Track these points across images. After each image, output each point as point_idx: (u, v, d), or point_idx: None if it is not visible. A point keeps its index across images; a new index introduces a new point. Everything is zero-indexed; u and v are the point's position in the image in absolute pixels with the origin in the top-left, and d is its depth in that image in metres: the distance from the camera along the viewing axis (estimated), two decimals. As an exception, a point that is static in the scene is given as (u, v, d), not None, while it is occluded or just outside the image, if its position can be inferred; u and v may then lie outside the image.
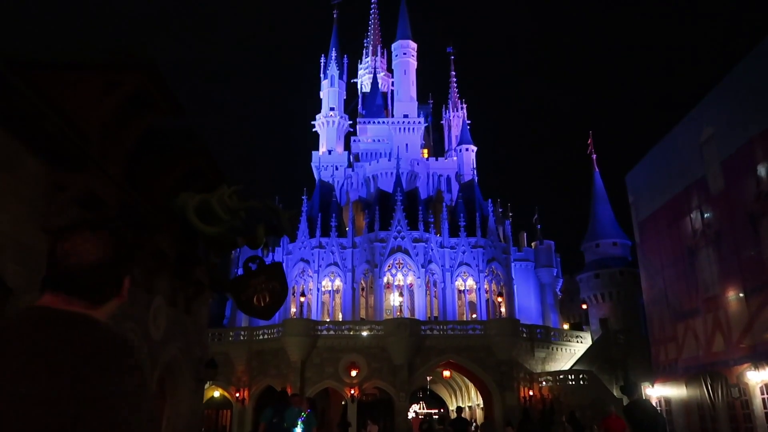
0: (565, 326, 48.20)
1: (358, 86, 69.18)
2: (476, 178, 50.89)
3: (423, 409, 47.23)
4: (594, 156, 50.55)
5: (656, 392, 18.95)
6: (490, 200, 46.94)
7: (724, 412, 15.23)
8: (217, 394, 38.39)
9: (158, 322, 11.67)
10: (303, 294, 43.35)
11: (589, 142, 51.14)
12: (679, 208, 18.07)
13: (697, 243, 17.05)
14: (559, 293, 51.19)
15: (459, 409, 17.70)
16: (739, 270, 15.05)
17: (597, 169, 50.15)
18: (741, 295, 14.99)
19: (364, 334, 36.93)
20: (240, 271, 11.60)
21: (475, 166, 54.97)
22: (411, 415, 45.60)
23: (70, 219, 8.01)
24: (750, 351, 14.38)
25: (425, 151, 61.20)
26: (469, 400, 42.70)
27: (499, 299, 43.33)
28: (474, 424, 34.95)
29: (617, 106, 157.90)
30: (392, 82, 65.05)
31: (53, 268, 1.45)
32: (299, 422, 10.76)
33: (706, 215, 16.75)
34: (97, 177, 7.90)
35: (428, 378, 41.12)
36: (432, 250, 43.58)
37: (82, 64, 8.09)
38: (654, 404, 18.68)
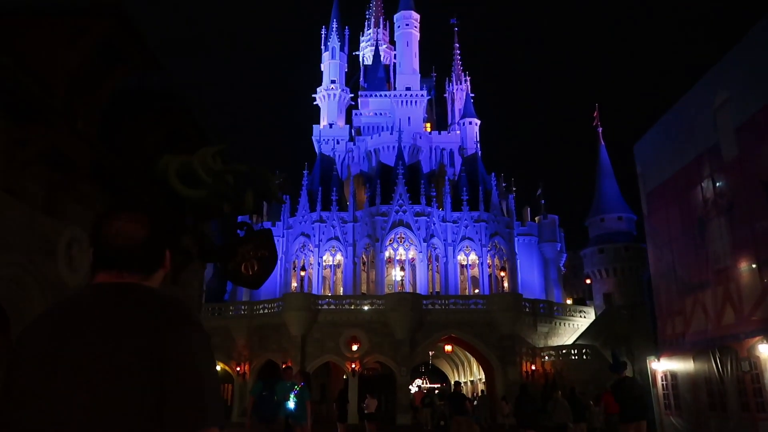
0: (569, 302, 47.80)
1: (360, 59, 67.90)
2: (479, 152, 50.05)
3: (426, 383, 47.30)
4: (600, 129, 49.62)
5: (662, 366, 18.46)
6: (493, 174, 46.16)
7: (733, 386, 14.73)
8: (218, 368, 38.37)
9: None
10: (303, 268, 42.96)
11: (595, 114, 50.16)
12: (689, 177, 17.35)
13: (708, 213, 16.37)
14: (562, 268, 50.70)
15: (457, 384, 17.24)
16: (753, 240, 14.41)
17: (603, 143, 49.24)
18: (754, 266, 14.37)
19: (365, 308, 36.61)
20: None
21: (478, 140, 54.07)
22: (414, 389, 45.65)
23: (33, 177, 7.38)
24: (762, 324, 13.82)
25: (428, 124, 60.26)
26: (471, 375, 42.56)
27: (502, 274, 42.85)
28: (476, 399, 34.74)
29: (625, 78, 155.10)
30: (395, 55, 63.76)
31: (102, 249, 1.57)
32: (291, 396, 10.33)
33: (718, 184, 16.04)
34: (64, 133, 7.28)
35: (431, 353, 40.95)
36: (434, 224, 43.01)
37: (45, 10, 7.43)
38: (660, 379, 18.32)
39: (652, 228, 20.01)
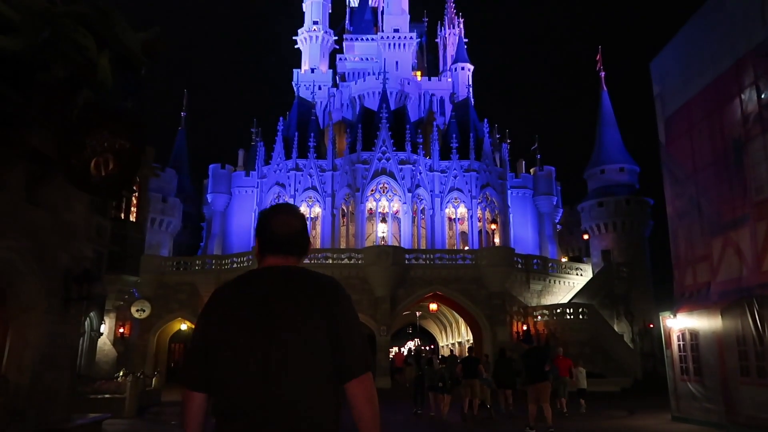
0: (564, 259, 44.76)
1: (346, 1, 63.20)
2: (472, 98, 46.19)
3: (419, 345, 45.12)
4: (602, 74, 45.79)
5: (679, 324, 15.34)
6: (486, 121, 42.36)
7: (777, 347, 11.60)
8: (184, 327, 35.37)
9: (-43, 206, 7.63)
10: (277, 220, 39.54)
11: (597, 58, 46.26)
12: (724, 89, 13.90)
13: (748, 132, 13.00)
14: (558, 225, 47.53)
15: (470, 349, 18.11)
16: (812, 160, 11.10)
17: (605, 89, 45.50)
18: (811, 193, 11.08)
19: (343, 263, 33.44)
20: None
21: (470, 84, 50.12)
22: (403, 350, 43.21)
23: None
24: (821, 267, 10.63)
25: (418, 73, 56.16)
26: (459, 336, 39.73)
27: (493, 227, 39.52)
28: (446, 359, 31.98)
29: (630, 19, 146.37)
30: (383, -3, 59.15)
31: (271, 237, 2.01)
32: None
33: (764, 94, 12.61)
34: None
35: (418, 314, 38.01)
36: (420, 173, 39.46)
37: None
38: (675, 338, 15.32)
39: (670, 158, 16.61)
